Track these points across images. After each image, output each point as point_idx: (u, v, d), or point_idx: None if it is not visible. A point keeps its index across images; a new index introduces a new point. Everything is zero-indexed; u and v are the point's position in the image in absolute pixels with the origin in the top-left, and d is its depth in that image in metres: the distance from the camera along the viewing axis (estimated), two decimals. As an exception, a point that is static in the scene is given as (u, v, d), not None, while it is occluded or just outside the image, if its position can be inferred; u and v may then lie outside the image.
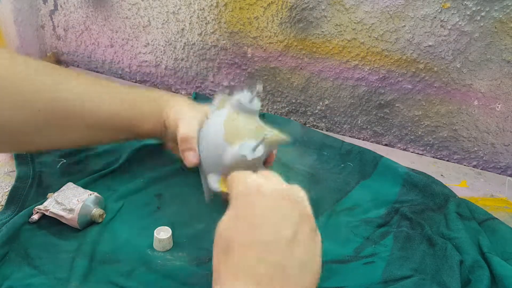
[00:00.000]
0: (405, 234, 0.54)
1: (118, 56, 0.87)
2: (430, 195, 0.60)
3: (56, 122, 0.52)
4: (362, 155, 0.68)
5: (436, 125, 0.73)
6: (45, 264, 0.47)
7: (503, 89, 0.67)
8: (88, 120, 0.53)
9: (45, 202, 0.52)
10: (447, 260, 0.50)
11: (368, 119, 0.76)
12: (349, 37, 0.70)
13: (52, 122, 0.52)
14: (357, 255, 0.52)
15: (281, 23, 0.72)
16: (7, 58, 0.50)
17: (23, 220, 0.51)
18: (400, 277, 0.49)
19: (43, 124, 0.51)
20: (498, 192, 0.67)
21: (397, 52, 0.69)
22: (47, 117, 0.51)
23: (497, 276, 0.49)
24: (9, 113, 0.49)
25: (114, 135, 0.57)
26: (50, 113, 0.51)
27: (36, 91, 0.50)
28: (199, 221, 0.54)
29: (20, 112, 0.49)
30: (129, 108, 0.55)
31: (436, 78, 0.69)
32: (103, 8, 0.82)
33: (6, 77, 0.48)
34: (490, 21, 0.62)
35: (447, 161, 0.75)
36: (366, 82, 0.73)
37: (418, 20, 0.65)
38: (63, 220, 0.51)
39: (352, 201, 0.61)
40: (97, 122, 0.54)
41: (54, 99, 0.51)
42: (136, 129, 0.56)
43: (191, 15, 0.76)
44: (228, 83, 0.81)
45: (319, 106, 0.78)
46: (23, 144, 0.54)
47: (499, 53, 0.64)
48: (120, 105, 0.54)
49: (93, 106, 0.53)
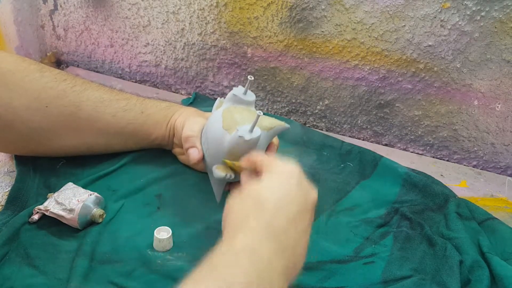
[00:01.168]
0: (405, 234, 0.55)
1: (118, 56, 0.87)
2: (430, 195, 0.60)
3: (74, 127, 0.55)
4: (362, 155, 0.68)
5: (436, 125, 0.73)
6: (45, 264, 0.47)
7: (503, 89, 0.67)
8: (106, 127, 0.57)
9: (45, 202, 0.52)
10: (447, 260, 0.50)
11: (368, 119, 0.76)
12: (349, 37, 0.70)
13: (71, 126, 0.55)
14: (357, 255, 0.52)
15: (281, 23, 0.72)
16: (37, 71, 0.54)
17: (23, 220, 0.51)
18: (400, 277, 0.49)
19: (61, 128, 0.55)
20: (498, 192, 0.68)
21: (397, 52, 0.69)
22: (66, 121, 0.54)
23: (497, 276, 0.49)
24: (26, 114, 0.52)
25: (127, 142, 0.60)
26: (68, 118, 0.55)
27: (56, 97, 0.54)
28: (199, 221, 0.54)
29: (37, 114, 0.53)
30: (147, 117, 0.59)
31: (436, 78, 0.69)
32: (103, 8, 0.82)
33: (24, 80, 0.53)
34: (490, 21, 0.62)
35: (447, 161, 0.75)
36: (366, 82, 0.73)
37: (418, 20, 0.65)
38: (63, 220, 0.51)
39: (352, 201, 0.61)
40: (114, 129, 0.57)
41: (74, 104, 0.54)
42: (148, 136, 0.60)
43: (191, 15, 0.76)
44: (228, 83, 0.81)
45: (319, 106, 0.78)
46: (40, 146, 0.57)
47: (499, 53, 0.64)
48: (139, 114, 0.58)
49: (112, 113, 0.57)
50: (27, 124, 0.53)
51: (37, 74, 0.54)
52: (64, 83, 0.55)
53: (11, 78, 0.52)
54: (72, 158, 0.60)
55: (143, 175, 0.60)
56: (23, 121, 0.53)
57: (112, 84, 0.86)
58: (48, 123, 0.54)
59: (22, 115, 0.52)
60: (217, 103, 0.56)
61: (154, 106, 0.60)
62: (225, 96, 0.55)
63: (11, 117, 0.52)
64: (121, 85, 0.85)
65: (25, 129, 0.54)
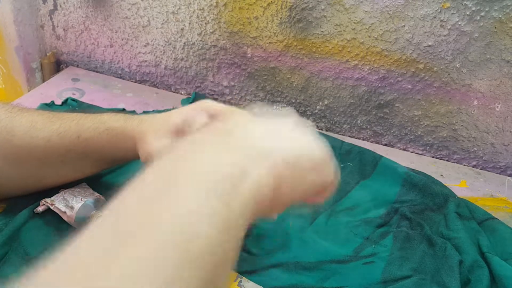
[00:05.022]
0: (405, 234, 0.55)
1: (118, 56, 0.87)
2: (429, 195, 0.60)
3: (13, 158, 0.50)
4: (361, 155, 0.68)
5: (436, 125, 0.73)
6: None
7: (502, 89, 0.67)
8: (44, 155, 0.50)
9: (54, 196, 0.52)
10: (447, 260, 0.50)
11: (367, 119, 0.76)
12: (348, 37, 0.70)
13: (9, 157, 0.50)
14: (357, 255, 0.52)
15: (281, 23, 0.72)
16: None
17: (24, 220, 0.51)
18: (399, 277, 0.49)
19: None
20: (498, 192, 0.68)
21: (396, 52, 0.69)
22: (2, 150, 0.49)
23: (497, 276, 0.49)
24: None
25: (83, 169, 0.54)
26: (5, 146, 0.49)
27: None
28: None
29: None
30: (85, 142, 0.51)
31: (435, 78, 0.69)
32: (103, 8, 0.82)
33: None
34: (490, 21, 0.62)
35: (447, 161, 0.75)
36: (366, 82, 0.73)
37: (418, 20, 0.65)
38: (64, 217, 0.51)
39: (351, 201, 0.61)
40: (56, 157, 0.51)
41: (7, 130, 0.49)
42: (101, 164, 0.54)
43: (190, 15, 0.76)
44: (227, 83, 0.81)
45: (319, 106, 0.78)
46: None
47: (498, 53, 0.64)
48: (76, 139, 0.50)
49: (46, 138, 0.50)
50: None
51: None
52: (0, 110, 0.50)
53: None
54: None
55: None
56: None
57: (112, 84, 0.86)
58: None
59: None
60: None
61: (92, 129, 0.50)
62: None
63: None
64: (121, 85, 0.86)
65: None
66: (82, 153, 0.51)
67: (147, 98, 0.82)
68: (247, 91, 0.81)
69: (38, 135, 0.49)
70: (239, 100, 0.82)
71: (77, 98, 0.78)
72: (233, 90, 0.82)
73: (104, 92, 0.83)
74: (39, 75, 0.90)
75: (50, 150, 0.50)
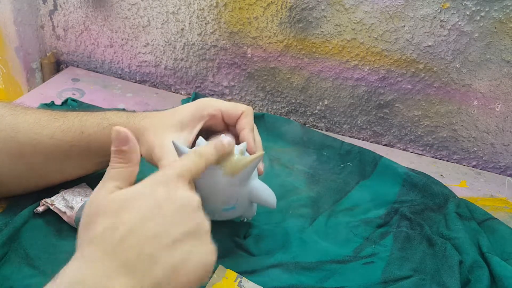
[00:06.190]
0: (405, 234, 0.55)
1: (118, 56, 0.87)
2: (429, 195, 0.60)
3: (17, 153, 0.50)
4: (361, 155, 0.68)
5: (436, 125, 0.73)
6: (45, 264, 0.47)
7: (502, 89, 0.67)
8: (47, 151, 0.51)
9: (53, 197, 0.52)
10: (447, 260, 0.50)
11: (367, 119, 0.76)
12: (348, 37, 0.70)
13: (12, 152, 0.50)
14: (357, 255, 0.52)
15: (281, 23, 0.72)
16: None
17: (23, 220, 0.51)
18: (399, 277, 0.49)
19: (3, 155, 0.50)
20: (498, 192, 0.68)
21: (396, 52, 0.69)
22: (6, 147, 0.50)
23: (497, 276, 0.49)
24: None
25: (86, 166, 0.55)
26: (9, 143, 0.50)
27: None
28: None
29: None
30: (87, 138, 0.51)
31: (435, 78, 0.69)
32: (103, 8, 0.82)
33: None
34: (490, 21, 0.62)
35: (447, 161, 0.75)
36: (366, 82, 0.73)
37: (418, 20, 0.65)
38: (64, 217, 0.51)
39: (351, 201, 0.61)
40: (59, 153, 0.51)
41: (11, 127, 0.50)
42: (103, 160, 0.52)
43: (190, 15, 0.76)
44: (227, 83, 0.81)
45: (319, 106, 0.78)
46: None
47: (498, 53, 0.64)
48: (79, 135, 0.51)
49: (49, 135, 0.51)
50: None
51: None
52: (3, 109, 0.51)
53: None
54: None
55: (144, 175, 0.60)
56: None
57: (112, 84, 0.86)
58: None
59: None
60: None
61: (96, 125, 0.51)
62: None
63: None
64: (121, 85, 0.86)
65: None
66: (86, 149, 0.51)
67: (147, 98, 0.82)
68: (247, 91, 0.81)
69: (42, 132, 0.50)
70: (239, 100, 0.82)
71: (77, 98, 0.78)
72: (233, 90, 0.82)
73: (104, 92, 0.83)
74: (39, 75, 0.90)
75: (53, 146, 0.51)
